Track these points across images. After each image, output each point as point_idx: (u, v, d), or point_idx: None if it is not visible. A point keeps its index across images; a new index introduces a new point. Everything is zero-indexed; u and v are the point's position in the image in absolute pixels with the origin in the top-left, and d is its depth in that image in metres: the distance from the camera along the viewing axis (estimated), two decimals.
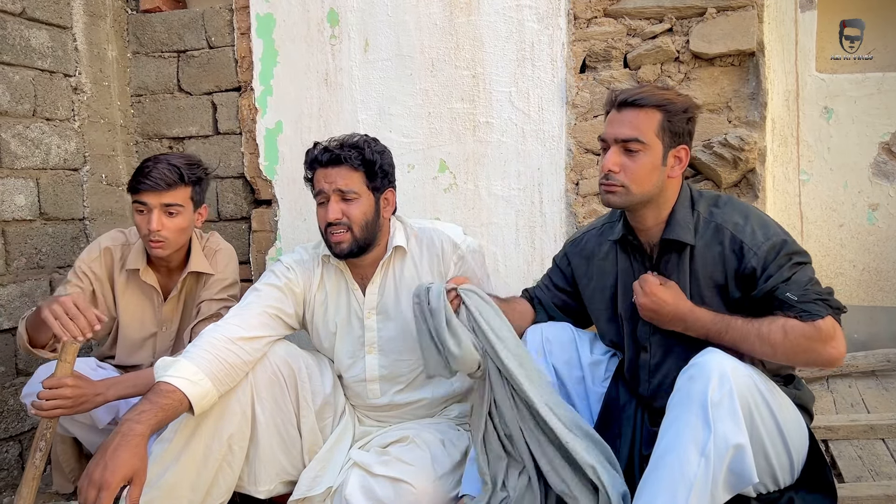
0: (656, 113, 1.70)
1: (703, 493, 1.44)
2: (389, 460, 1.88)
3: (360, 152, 1.97)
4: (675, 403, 1.53)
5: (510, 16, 2.74)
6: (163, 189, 2.15)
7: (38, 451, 1.81)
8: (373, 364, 2.09)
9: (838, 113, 2.86)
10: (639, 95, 1.71)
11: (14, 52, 2.61)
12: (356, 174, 1.97)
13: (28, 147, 2.66)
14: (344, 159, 1.96)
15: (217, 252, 2.39)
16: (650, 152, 1.70)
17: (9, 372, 2.58)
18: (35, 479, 1.79)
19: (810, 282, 1.62)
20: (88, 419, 2.18)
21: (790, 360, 1.59)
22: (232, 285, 2.39)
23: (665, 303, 1.67)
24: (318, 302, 2.12)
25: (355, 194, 1.97)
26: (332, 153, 1.97)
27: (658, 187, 1.73)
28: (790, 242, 1.66)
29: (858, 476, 1.97)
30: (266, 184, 3.06)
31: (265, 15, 3.00)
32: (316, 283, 2.12)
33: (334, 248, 1.99)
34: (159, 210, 2.16)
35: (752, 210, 1.74)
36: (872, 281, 2.88)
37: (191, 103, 3.15)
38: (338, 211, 1.96)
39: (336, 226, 1.96)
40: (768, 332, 1.55)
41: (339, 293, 2.11)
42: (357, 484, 1.86)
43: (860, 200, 2.87)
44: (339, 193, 1.96)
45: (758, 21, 2.54)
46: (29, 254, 2.66)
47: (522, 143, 2.77)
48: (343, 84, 2.94)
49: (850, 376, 2.67)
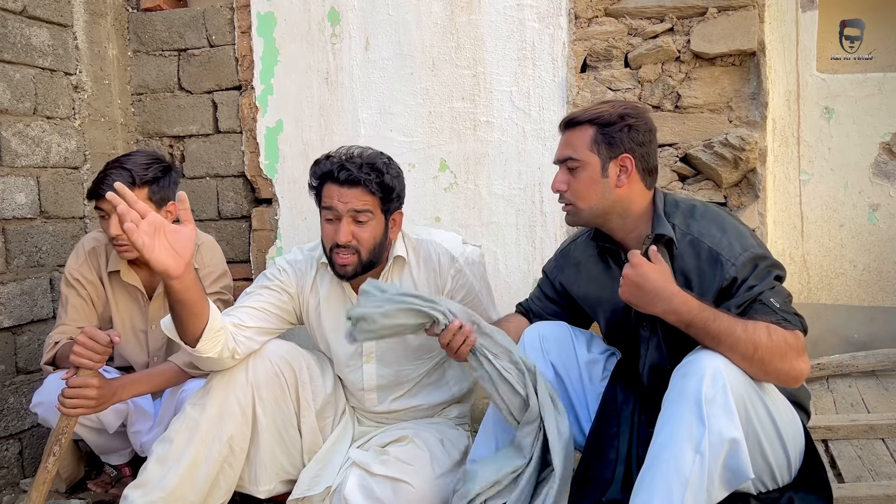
0: (588, 128, 1.75)
1: (700, 490, 1.44)
2: (388, 460, 1.88)
3: (379, 176, 1.91)
4: (670, 401, 1.53)
5: (511, 15, 2.74)
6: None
7: (51, 455, 1.80)
8: (371, 373, 2.08)
9: (839, 113, 2.86)
10: (573, 115, 1.79)
11: (15, 51, 2.61)
12: (372, 198, 1.91)
13: (28, 145, 2.66)
14: (363, 182, 1.89)
15: (200, 245, 2.36)
16: (587, 167, 1.75)
17: (9, 370, 2.58)
18: (46, 483, 1.79)
19: (788, 296, 1.64)
20: (98, 423, 2.19)
21: (764, 366, 1.54)
22: (221, 276, 2.38)
23: (648, 278, 1.60)
24: (312, 306, 2.11)
25: (370, 215, 1.91)
26: (351, 173, 1.89)
27: (606, 200, 1.75)
28: (768, 255, 1.67)
29: (858, 476, 1.97)
30: (266, 182, 3.06)
31: (266, 13, 3.00)
32: (309, 286, 2.10)
33: (339, 270, 1.96)
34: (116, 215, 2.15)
35: (728, 220, 1.73)
36: (873, 281, 2.88)
37: (191, 102, 3.15)
38: (349, 234, 1.90)
39: (345, 248, 1.92)
40: (754, 329, 1.53)
41: (336, 300, 2.09)
42: (356, 483, 1.85)
43: (861, 200, 2.87)
44: (353, 215, 1.90)
45: (759, 21, 2.54)
46: (29, 252, 2.66)
47: (523, 142, 2.77)
48: (344, 83, 2.94)
49: (850, 376, 2.67)
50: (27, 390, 2.61)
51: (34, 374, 2.64)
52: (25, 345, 2.64)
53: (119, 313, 2.35)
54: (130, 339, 2.37)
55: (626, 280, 1.64)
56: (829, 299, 2.91)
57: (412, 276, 2.06)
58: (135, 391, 2.04)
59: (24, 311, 2.63)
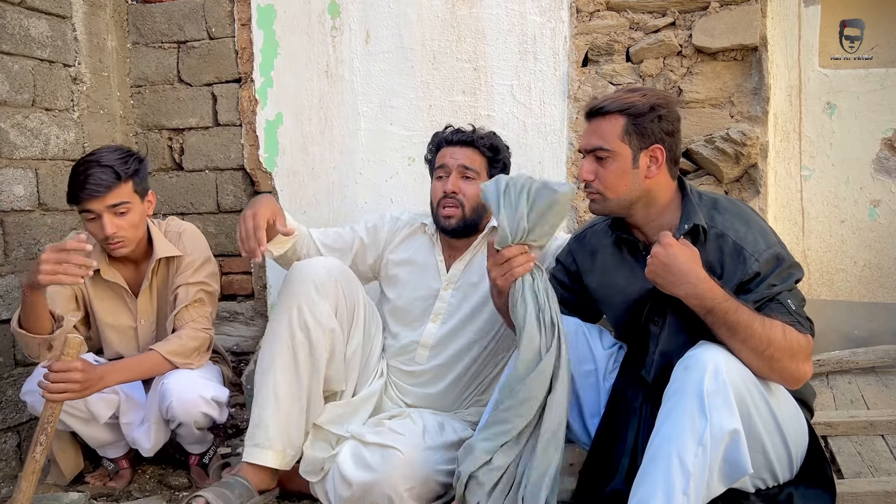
0: (619, 118, 1.72)
1: (700, 482, 1.45)
2: (382, 430, 1.97)
3: (490, 140, 2.17)
4: (672, 393, 1.53)
5: (512, 8, 2.73)
6: (104, 193, 2.11)
7: (38, 444, 1.81)
8: (431, 331, 2.17)
9: (841, 108, 2.85)
10: (602, 104, 1.75)
11: (13, 42, 2.59)
12: (480, 158, 2.15)
13: (27, 137, 2.65)
14: (475, 141, 2.15)
15: (182, 233, 2.36)
16: (618, 158, 1.72)
17: (7, 363, 2.57)
18: (35, 472, 1.79)
19: (803, 301, 1.65)
20: (88, 414, 2.18)
21: (773, 363, 1.54)
22: (205, 263, 2.35)
23: (678, 258, 1.59)
24: (394, 261, 2.28)
25: (475, 173, 2.13)
26: (465, 134, 2.18)
27: (635, 190, 1.74)
28: (789, 255, 1.68)
29: (858, 472, 1.97)
30: (266, 176, 3.05)
31: (266, 6, 2.99)
32: (398, 241, 2.29)
33: (443, 222, 2.12)
34: (108, 213, 2.13)
35: (752, 216, 1.74)
36: (873, 277, 2.87)
37: (191, 94, 3.14)
38: (456, 185, 2.11)
39: (450, 199, 2.11)
40: (770, 325, 1.54)
41: (424, 259, 2.23)
42: (349, 452, 1.94)
43: (862, 196, 2.86)
44: (462, 170, 2.13)
45: (761, 15, 2.53)
46: (27, 244, 2.65)
47: (524, 136, 2.76)
48: (344, 76, 2.93)
49: (850, 372, 2.67)
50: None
51: (32, 367, 2.62)
52: None
53: (103, 312, 2.33)
54: (120, 335, 2.36)
55: (655, 258, 1.62)
56: (829, 295, 2.90)
57: None
58: (121, 377, 2.06)
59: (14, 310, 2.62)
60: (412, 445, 1.91)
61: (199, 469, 2.36)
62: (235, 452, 2.54)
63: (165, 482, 2.36)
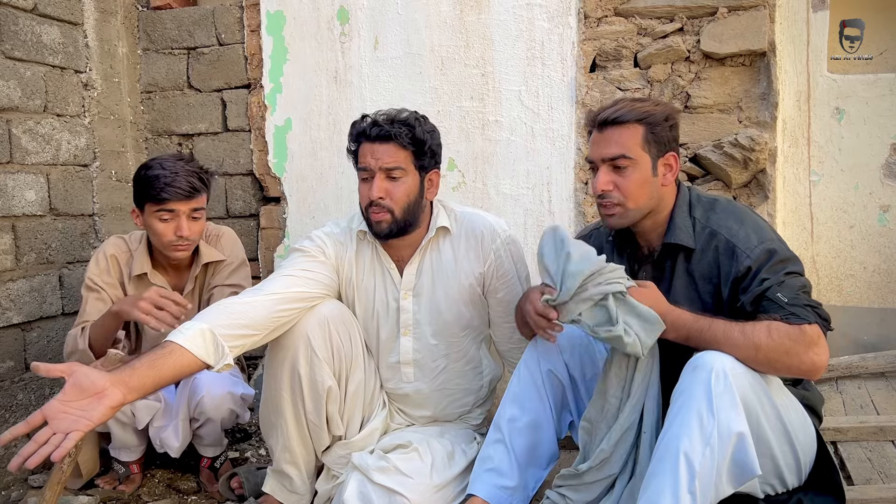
0: (638, 127, 1.72)
1: (708, 482, 1.45)
2: (388, 468, 1.86)
3: (410, 130, 1.92)
4: (680, 393, 1.53)
5: (520, 14, 2.74)
6: (192, 196, 2.21)
7: (67, 454, 1.80)
8: (407, 346, 2.06)
9: (850, 114, 2.84)
10: (618, 112, 1.73)
11: (26, 48, 2.62)
12: (404, 152, 1.92)
13: (38, 142, 2.67)
14: (394, 136, 1.90)
15: (220, 237, 2.43)
16: (639, 167, 1.72)
17: (18, 367, 2.59)
18: (60, 483, 1.78)
19: (802, 288, 1.61)
20: (131, 418, 2.21)
21: (772, 364, 1.54)
22: (241, 266, 2.42)
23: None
24: (355, 281, 2.07)
25: (402, 171, 1.92)
26: (382, 129, 1.91)
27: (654, 198, 1.74)
28: (784, 249, 1.66)
29: (868, 478, 1.95)
30: (275, 181, 3.06)
31: (275, 12, 3.01)
32: (350, 257, 2.06)
33: (374, 227, 1.95)
34: (187, 216, 2.22)
35: (748, 214, 1.73)
36: (883, 283, 2.86)
37: (200, 100, 3.16)
38: (381, 190, 1.91)
39: (378, 205, 1.91)
40: (752, 331, 1.53)
41: (375, 272, 2.07)
42: (356, 490, 1.85)
43: (871, 202, 2.85)
44: (385, 171, 1.91)
45: (769, 21, 2.53)
46: (39, 249, 2.67)
47: (532, 141, 2.76)
48: (353, 82, 2.95)
49: (860, 378, 2.65)
50: (36, 387, 2.62)
51: None
52: (35, 341, 2.65)
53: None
54: (160, 338, 2.36)
55: None
56: (838, 301, 2.89)
57: (453, 249, 2.04)
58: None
59: (34, 307, 2.64)
60: (420, 491, 1.82)
61: (209, 472, 2.36)
62: (244, 457, 2.55)
63: (174, 486, 2.37)
